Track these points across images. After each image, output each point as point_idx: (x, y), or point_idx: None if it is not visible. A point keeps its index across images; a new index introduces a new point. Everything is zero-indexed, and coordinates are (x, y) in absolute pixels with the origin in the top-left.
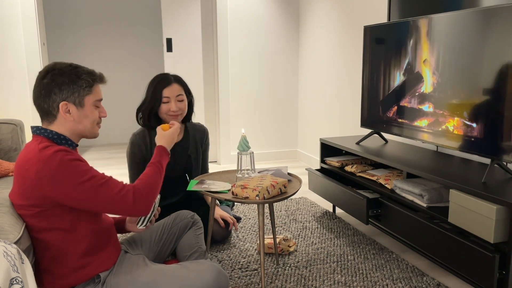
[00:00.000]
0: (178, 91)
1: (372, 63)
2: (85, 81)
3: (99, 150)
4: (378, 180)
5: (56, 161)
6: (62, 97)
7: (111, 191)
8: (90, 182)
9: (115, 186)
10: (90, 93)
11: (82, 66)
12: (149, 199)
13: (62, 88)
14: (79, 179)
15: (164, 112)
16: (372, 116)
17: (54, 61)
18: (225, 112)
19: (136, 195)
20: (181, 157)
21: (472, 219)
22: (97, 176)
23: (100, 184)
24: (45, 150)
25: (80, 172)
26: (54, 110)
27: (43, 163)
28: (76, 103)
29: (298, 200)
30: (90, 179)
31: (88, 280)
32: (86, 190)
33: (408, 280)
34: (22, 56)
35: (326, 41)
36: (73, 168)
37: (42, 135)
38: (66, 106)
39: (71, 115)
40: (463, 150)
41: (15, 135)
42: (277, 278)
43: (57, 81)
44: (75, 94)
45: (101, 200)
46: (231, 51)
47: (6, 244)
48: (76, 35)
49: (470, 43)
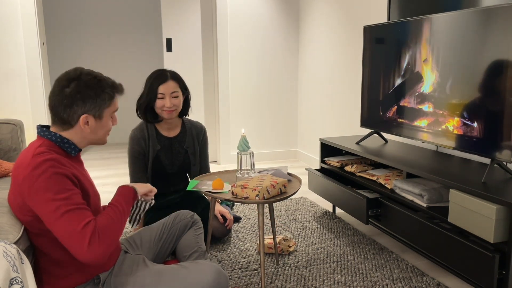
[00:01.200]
0: (173, 88)
1: (372, 63)
2: (108, 94)
3: (99, 150)
4: (378, 180)
5: (41, 169)
6: (84, 109)
7: (74, 222)
8: (60, 202)
9: (81, 219)
10: (110, 106)
11: (106, 77)
12: (106, 250)
13: (86, 101)
14: (53, 195)
15: (159, 107)
16: (372, 116)
17: (78, 68)
18: (225, 112)
19: (94, 242)
20: (178, 152)
21: (472, 219)
22: (72, 200)
23: (68, 210)
24: (38, 157)
25: (58, 188)
26: (73, 121)
27: (31, 169)
28: (96, 115)
29: (298, 200)
30: (63, 200)
31: (87, 281)
32: (52, 209)
33: (408, 280)
34: (22, 56)
35: (326, 41)
36: (53, 181)
37: (45, 137)
38: (86, 119)
39: (89, 126)
40: (463, 150)
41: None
42: (277, 278)
43: (82, 94)
44: (97, 107)
45: (60, 226)
46: (231, 51)
47: (6, 244)
48: (76, 35)
49: (470, 43)
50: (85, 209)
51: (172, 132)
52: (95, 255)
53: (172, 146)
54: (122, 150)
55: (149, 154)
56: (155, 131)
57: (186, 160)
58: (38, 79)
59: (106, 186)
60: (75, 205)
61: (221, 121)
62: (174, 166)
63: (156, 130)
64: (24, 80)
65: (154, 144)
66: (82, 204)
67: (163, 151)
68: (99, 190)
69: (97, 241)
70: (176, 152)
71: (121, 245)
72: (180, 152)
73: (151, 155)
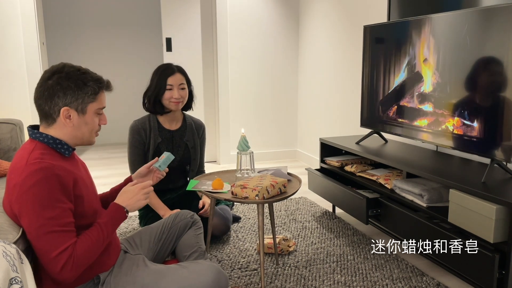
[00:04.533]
0: (180, 80)
1: (372, 62)
2: (91, 88)
3: (98, 150)
4: (378, 180)
5: (34, 180)
6: (65, 102)
7: (52, 246)
8: (45, 221)
9: (60, 244)
10: (94, 101)
11: (91, 71)
12: (77, 273)
13: (66, 93)
14: (39, 211)
15: (167, 98)
16: (372, 116)
17: (62, 62)
18: (225, 112)
19: (67, 267)
20: (178, 146)
21: (472, 219)
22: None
23: (50, 231)
24: (32, 165)
25: (47, 203)
26: (55, 114)
27: (23, 177)
28: (78, 109)
29: (298, 200)
30: (48, 219)
31: (87, 281)
32: (36, 226)
33: (408, 280)
34: (22, 55)
35: (326, 40)
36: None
37: (37, 140)
38: (67, 112)
39: (71, 121)
40: (463, 150)
41: (15, 135)
42: (277, 278)
43: (62, 85)
44: (79, 100)
45: (39, 244)
46: (230, 51)
47: (6, 244)
48: (75, 35)
49: (470, 43)
50: (68, 232)
51: (174, 125)
52: (64, 278)
53: (173, 139)
54: (121, 150)
55: (149, 146)
56: (157, 123)
57: (186, 154)
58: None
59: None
60: (59, 227)
61: (221, 121)
62: (175, 160)
63: (158, 123)
64: (23, 80)
65: (155, 136)
66: (66, 225)
67: (164, 144)
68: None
69: (70, 267)
70: (176, 145)
71: (121, 245)
72: (180, 146)
73: (152, 147)
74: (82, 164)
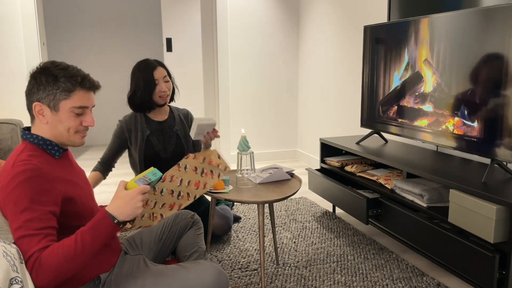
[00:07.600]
0: (163, 73)
1: (372, 63)
2: (63, 84)
3: (97, 150)
4: (378, 180)
5: (17, 181)
6: (37, 97)
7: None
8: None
9: (30, 248)
10: (68, 98)
11: (72, 68)
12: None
13: (39, 88)
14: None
15: (157, 93)
16: (372, 116)
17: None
18: (225, 112)
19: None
20: (170, 136)
21: (472, 219)
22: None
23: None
24: (17, 166)
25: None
26: (31, 110)
27: (9, 179)
28: (50, 106)
29: (298, 200)
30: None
31: (88, 282)
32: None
33: (408, 280)
34: (22, 55)
35: (326, 41)
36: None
37: (28, 141)
38: (40, 107)
39: (44, 117)
40: (463, 150)
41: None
42: (277, 278)
43: (36, 80)
44: (50, 96)
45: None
46: (231, 51)
47: (6, 244)
48: (76, 35)
49: (470, 43)
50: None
51: (161, 117)
52: (38, 285)
53: (163, 131)
54: None
55: (137, 139)
56: (144, 118)
57: (179, 144)
58: None
59: (106, 186)
60: (33, 230)
61: (221, 121)
62: (167, 150)
63: (145, 117)
64: (24, 80)
65: (143, 129)
66: (42, 229)
67: (155, 135)
68: (99, 190)
69: (35, 273)
70: (168, 136)
71: (121, 245)
72: (172, 136)
73: (140, 141)
74: (76, 165)
